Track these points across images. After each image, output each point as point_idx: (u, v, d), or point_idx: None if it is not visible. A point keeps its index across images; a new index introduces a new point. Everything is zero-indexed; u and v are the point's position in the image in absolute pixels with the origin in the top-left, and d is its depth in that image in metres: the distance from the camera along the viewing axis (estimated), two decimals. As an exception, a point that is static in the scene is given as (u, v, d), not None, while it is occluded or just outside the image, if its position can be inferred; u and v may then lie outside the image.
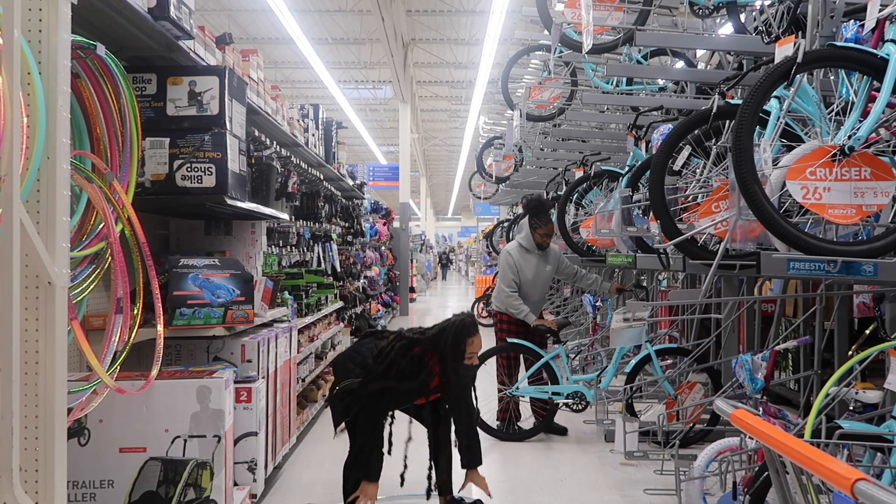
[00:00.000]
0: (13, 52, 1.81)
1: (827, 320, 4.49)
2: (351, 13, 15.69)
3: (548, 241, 5.39)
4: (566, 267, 5.66)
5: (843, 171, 2.54)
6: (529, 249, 5.40)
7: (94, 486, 3.03)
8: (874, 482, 1.37)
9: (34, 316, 1.98)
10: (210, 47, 3.76)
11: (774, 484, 1.92)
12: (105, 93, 2.59)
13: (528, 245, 5.40)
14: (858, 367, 2.89)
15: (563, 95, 6.85)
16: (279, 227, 5.92)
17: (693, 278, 6.99)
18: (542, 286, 5.52)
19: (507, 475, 4.56)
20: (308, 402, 5.61)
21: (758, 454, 3.04)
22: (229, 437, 3.28)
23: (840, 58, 2.70)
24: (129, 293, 2.64)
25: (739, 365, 3.62)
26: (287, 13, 11.39)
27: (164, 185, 3.35)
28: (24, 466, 1.94)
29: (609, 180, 5.49)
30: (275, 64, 18.47)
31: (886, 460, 2.47)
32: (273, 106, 4.97)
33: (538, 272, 5.39)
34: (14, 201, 1.82)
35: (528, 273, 5.29)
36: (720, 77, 4.09)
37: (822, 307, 4.43)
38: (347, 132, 15.46)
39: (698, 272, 4.15)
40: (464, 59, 18.83)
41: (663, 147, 3.53)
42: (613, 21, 4.73)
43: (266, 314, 4.15)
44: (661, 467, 4.33)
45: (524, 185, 9.91)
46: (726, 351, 5.23)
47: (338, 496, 4.07)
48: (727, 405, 2.03)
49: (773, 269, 2.73)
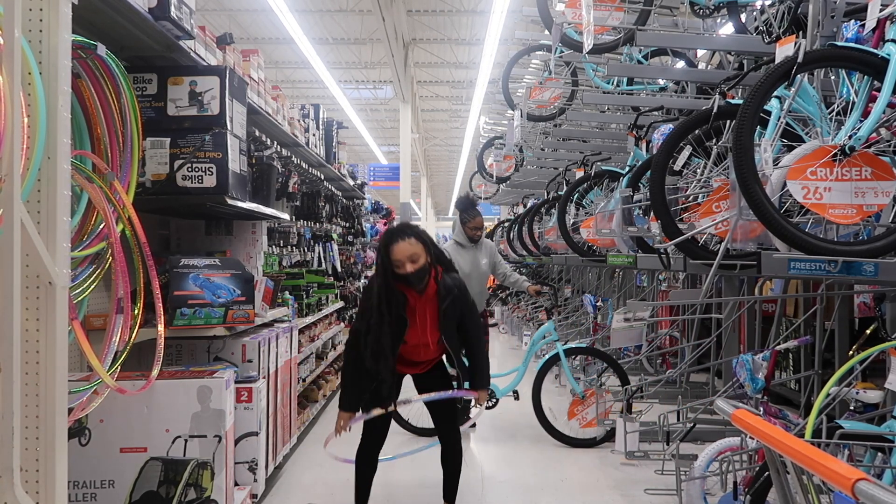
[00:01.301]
0: (14, 52, 1.81)
1: (827, 320, 4.49)
2: (351, 13, 15.70)
3: (478, 233, 5.58)
4: (499, 264, 5.83)
5: (843, 171, 2.54)
6: (464, 244, 5.57)
7: (94, 486, 3.03)
8: (875, 482, 1.37)
9: (35, 316, 1.98)
10: (211, 47, 3.76)
11: (775, 484, 1.92)
12: (106, 93, 2.59)
13: (461, 240, 5.58)
14: (859, 367, 2.89)
15: (563, 95, 6.86)
16: (280, 227, 5.92)
17: (694, 278, 6.99)
18: (481, 278, 5.65)
19: (508, 475, 4.56)
20: (309, 402, 5.61)
21: (758, 454, 3.04)
22: (230, 437, 3.28)
23: (841, 58, 2.70)
24: (129, 293, 2.64)
25: (740, 365, 3.62)
26: (288, 13, 11.40)
27: (165, 185, 3.34)
28: (24, 466, 1.94)
29: (610, 180, 5.50)
30: (275, 64, 18.48)
31: (887, 460, 2.47)
32: (274, 106, 4.97)
33: (475, 265, 5.54)
34: (15, 201, 1.82)
35: (466, 267, 5.41)
36: (721, 77, 4.10)
37: (822, 307, 4.43)
38: (348, 132, 15.45)
39: (699, 272, 4.15)
40: (464, 59, 18.83)
41: (664, 147, 3.53)
42: (614, 21, 4.73)
43: (267, 314, 4.15)
44: (661, 467, 4.33)
45: (525, 184, 9.92)
46: (727, 351, 5.23)
47: (338, 496, 4.08)
48: (728, 405, 2.03)
49: (773, 268, 2.73)
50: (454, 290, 3.40)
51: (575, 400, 5.14)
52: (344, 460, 3.54)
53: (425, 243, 3.33)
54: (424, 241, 3.34)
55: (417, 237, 3.31)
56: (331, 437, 3.44)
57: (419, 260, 3.26)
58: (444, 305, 3.37)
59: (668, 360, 6.99)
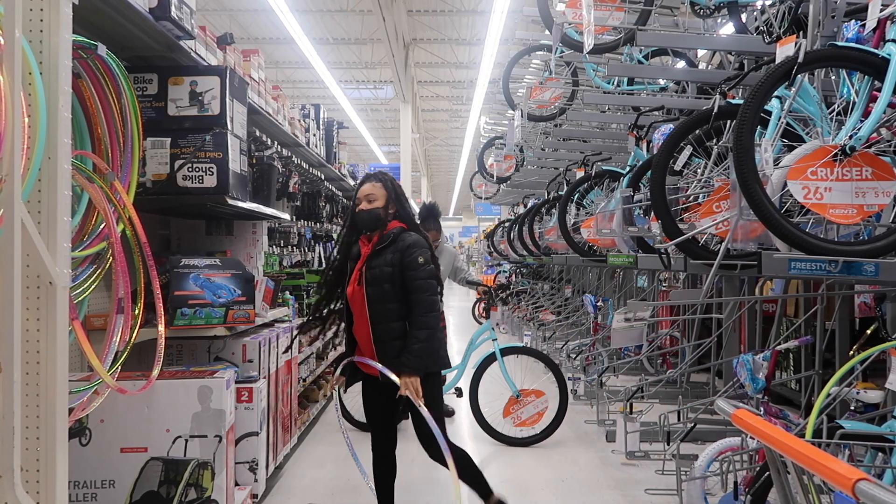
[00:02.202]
0: (14, 52, 1.81)
1: (828, 320, 4.49)
2: (352, 13, 15.71)
3: (435, 245, 5.61)
4: (459, 269, 5.96)
5: (844, 171, 2.54)
6: None
7: (95, 486, 3.03)
8: (875, 482, 1.37)
9: (35, 316, 1.98)
10: (211, 47, 3.77)
11: (776, 484, 1.92)
12: (106, 93, 2.60)
13: None
14: (860, 367, 2.89)
15: (564, 95, 6.86)
16: (280, 227, 5.93)
17: (694, 278, 6.99)
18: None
19: (508, 475, 4.56)
20: (309, 402, 5.61)
21: (759, 454, 3.04)
22: (230, 437, 3.28)
23: (841, 58, 2.69)
24: (130, 293, 2.64)
25: (741, 365, 3.62)
26: (288, 13, 11.41)
27: (166, 185, 3.35)
28: (25, 466, 1.94)
29: (610, 180, 5.49)
30: (276, 64, 18.49)
31: (888, 460, 2.47)
32: (274, 106, 4.97)
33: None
34: (15, 201, 1.82)
35: None
36: (721, 77, 4.09)
37: (823, 307, 4.43)
38: (348, 132, 15.47)
39: (699, 272, 4.15)
40: (465, 59, 18.84)
41: (664, 147, 3.53)
42: (614, 21, 4.74)
43: (267, 314, 4.15)
44: (662, 467, 4.33)
45: (525, 184, 9.91)
46: (727, 351, 5.23)
47: (338, 496, 4.08)
48: (728, 405, 2.03)
49: (774, 268, 2.73)
50: (400, 245, 3.11)
51: (511, 399, 5.17)
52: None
53: (388, 190, 3.20)
54: (388, 188, 3.21)
55: (383, 182, 3.21)
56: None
57: (374, 202, 3.15)
58: (377, 258, 3.11)
59: (668, 360, 6.99)
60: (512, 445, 5.10)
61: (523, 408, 5.15)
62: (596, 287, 9.00)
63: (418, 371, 3.03)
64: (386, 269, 3.10)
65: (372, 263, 3.13)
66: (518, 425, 5.15)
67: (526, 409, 5.15)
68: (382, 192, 3.18)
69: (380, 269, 3.11)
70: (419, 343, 3.03)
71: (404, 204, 3.26)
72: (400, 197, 3.24)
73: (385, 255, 3.12)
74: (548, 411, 5.16)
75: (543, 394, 5.17)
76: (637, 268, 5.10)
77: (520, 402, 5.14)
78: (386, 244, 3.13)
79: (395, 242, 3.13)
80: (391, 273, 3.09)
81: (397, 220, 3.21)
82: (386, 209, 3.19)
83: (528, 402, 5.14)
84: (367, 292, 3.11)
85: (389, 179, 3.26)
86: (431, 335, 3.07)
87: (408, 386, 3.00)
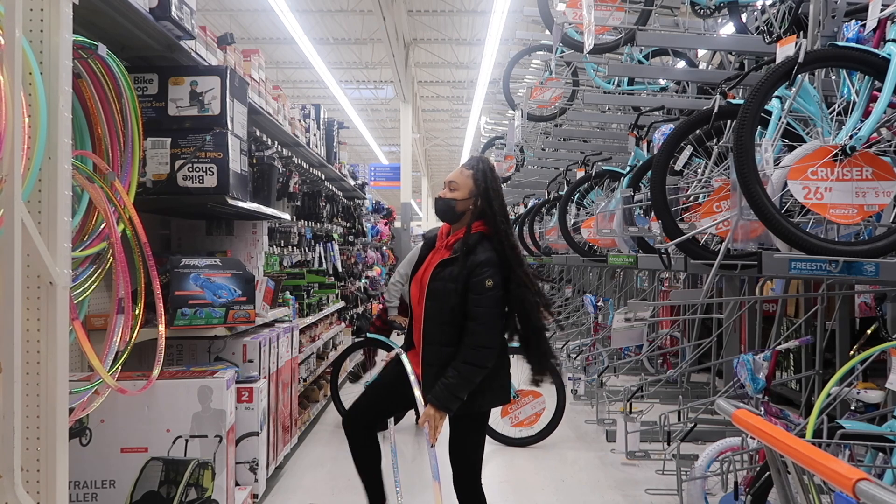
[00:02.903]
0: (14, 52, 1.81)
1: (828, 320, 4.49)
2: (352, 13, 15.71)
3: None
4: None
5: (844, 170, 2.54)
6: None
7: (95, 487, 3.03)
8: (876, 482, 1.37)
9: (35, 316, 1.98)
10: (211, 47, 3.76)
11: (776, 484, 1.91)
12: (106, 93, 2.60)
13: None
14: (860, 367, 2.89)
15: (564, 95, 6.87)
16: (281, 227, 5.93)
17: (694, 278, 7.00)
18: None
19: (508, 475, 4.56)
20: (310, 402, 5.61)
21: (759, 454, 3.04)
22: (231, 438, 3.28)
23: (841, 58, 2.70)
24: (130, 293, 2.64)
25: (741, 365, 3.62)
26: (288, 13, 11.41)
27: (166, 185, 3.34)
28: (25, 467, 1.94)
29: (610, 180, 5.50)
30: (276, 64, 18.49)
31: (888, 460, 2.47)
32: (274, 106, 4.97)
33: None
34: (16, 201, 1.82)
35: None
36: (721, 77, 4.09)
37: (823, 307, 4.43)
38: (349, 132, 15.47)
39: (700, 272, 4.15)
40: (465, 59, 18.84)
41: (665, 147, 3.53)
42: (615, 21, 4.74)
43: (268, 314, 4.15)
44: (662, 467, 4.33)
45: (526, 184, 9.91)
46: (728, 351, 5.23)
47: (339, 496, 4.08)
48: (729, 405, 2.03)
49: (774, 268, 2.73)
50: (471, 261, 2.65)
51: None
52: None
53: (476, 182, 2.75)
54: (477, 178, 2.75)
55: (473, 171, 2.77)
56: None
57: (455, 191, 2.75)
58: (446, 267, 2.71)
59: (668, 360, 6.99)
60: (509, 445, 5.10)
61: (521, 408, 5.14)
62: (596, 287, 9.00)
63: (444, 409, 2.64)
64: (450, 286, 2.68)
65: (440, 274, 2.73)
66: (516, 425, 5.14)
67: (523, 409, 5.14)
68: (469, 182, 2.75)
69: (443, 283, 2.70)
70: (456, 379, 2.62)
71: (493, 203, 2.76)
72: (490, 193, 2.75)
73: (453, 266, 2.69)
74: (545, 412, 5.15)
75: (541, 395, 5.16)
76: (637, 268, 5.10)
77: (517, 402, 5.14)
78: (459, 255, 2.70)
79: (468, 255, 2.68)
80: (454, 290, 2.67)
81: (482, 220, 2.76)
82: (466, 203, 2.77)
83: (526, 402, 5.13)
84: (427, 306, 2.73)
85: (483, 170, 2.78)
86: (474, 373, 2.63)
87: (427, 419, 2.66)
